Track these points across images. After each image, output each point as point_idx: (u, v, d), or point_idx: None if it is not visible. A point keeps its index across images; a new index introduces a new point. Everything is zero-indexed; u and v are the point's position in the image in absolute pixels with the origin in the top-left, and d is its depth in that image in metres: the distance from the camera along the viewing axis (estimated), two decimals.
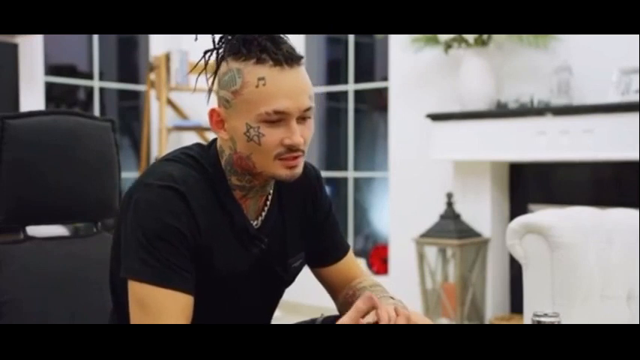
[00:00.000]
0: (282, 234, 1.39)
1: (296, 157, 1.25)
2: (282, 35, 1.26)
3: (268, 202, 1.37)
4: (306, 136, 1.26)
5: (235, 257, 1.30)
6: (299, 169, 1.28)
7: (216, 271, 1.28)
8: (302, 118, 1.25)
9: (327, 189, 1.55)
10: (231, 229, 1.30)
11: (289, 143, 1.23)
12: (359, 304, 1.20)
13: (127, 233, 1.23)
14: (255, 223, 1.34)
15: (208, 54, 1.29)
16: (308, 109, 1.25)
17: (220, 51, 1.27)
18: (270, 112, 1.21)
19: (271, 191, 1.37)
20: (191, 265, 1.23)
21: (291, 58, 1.23)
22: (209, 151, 1.33)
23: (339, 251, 1.49)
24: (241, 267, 1.31)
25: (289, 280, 1.43)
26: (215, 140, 1.35)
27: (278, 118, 1.22)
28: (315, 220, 1.45)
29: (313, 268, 1.49)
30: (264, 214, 1.36)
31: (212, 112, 1.28)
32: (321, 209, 1.46)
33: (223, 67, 1.26)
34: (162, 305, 1.19)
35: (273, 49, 1.22)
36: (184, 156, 1.30)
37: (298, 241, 1.42)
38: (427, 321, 1.29)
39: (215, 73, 1.28)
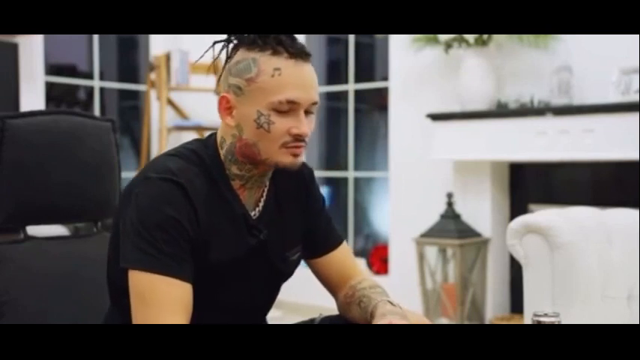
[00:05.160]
0: (280, 226, 1.40)
1: (299, 147, 1.30)
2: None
3: (264, 194, 1.39)
4: (309, 128, 1.32)
5: (233, 247, 1.32)
6: (301, 159, 1.33)
7: (214, 262, 1.29)
8: (307, 112, 1.31)
9: (327, 189, 1.56)
10: (230, 218, 1.32)
11: (297, 132, 1.28)
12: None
13: (126, 225, 1.25)
14: (253, 213, 1.37)
15: (219, 45, 1.32)
16: (315, 103, 1.31)
17: (234, 41, 1.31)
18: (282, 101, 1.26)
19: (267, 183, 1.40)
20: (190, 256, 1.25)
21: (305, 53, 1.29)
22: (207, 143, 1.36)
23: (330, 241, 1.50)
24: (239, 257, 1.33)
25: (288, 272, 1.44)
26: (213, 134, 1.38)
27: (288, 108, 1.27)
28: (309, 214, 1.47)
29: (307, 259, 1.50)
30: (261, 204, 1.39)
31: (222, 99, 1.31)
32: (315, 203, 1.48)
33: (237, 55, 1.30)
34: (161, 293, 1.20)
35: (289, 42, 1.28)
36: (183, 150, 1.34)
37: (296, 234, 1.44)
38: (427, 322, 1.29)
39: (226, 61, 1.32)
